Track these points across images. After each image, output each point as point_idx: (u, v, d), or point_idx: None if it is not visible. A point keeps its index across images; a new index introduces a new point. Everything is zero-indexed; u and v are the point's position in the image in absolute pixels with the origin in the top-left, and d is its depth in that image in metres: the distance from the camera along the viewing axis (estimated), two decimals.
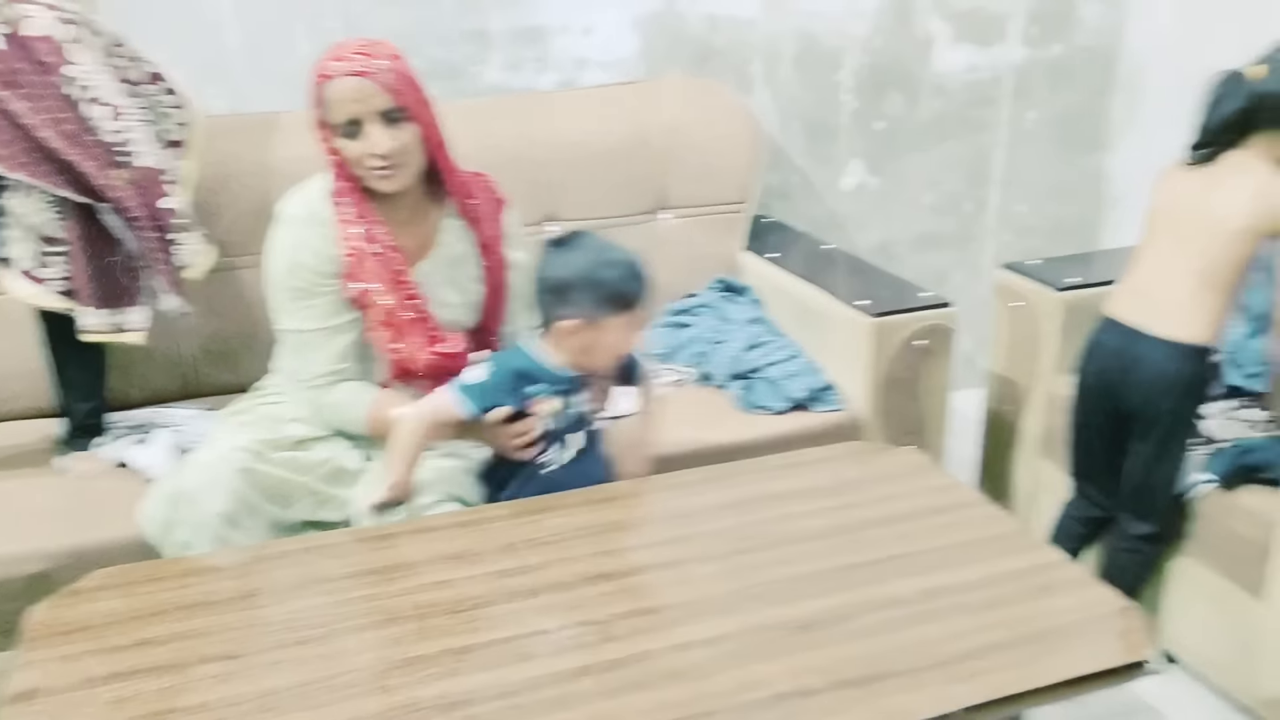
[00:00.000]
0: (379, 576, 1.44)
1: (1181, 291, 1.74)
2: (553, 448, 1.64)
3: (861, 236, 2.83)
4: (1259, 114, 1.69)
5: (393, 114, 1.61)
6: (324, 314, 1.67)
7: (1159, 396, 1.78)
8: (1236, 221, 1.70)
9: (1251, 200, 1.70)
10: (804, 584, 1.41)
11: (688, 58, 2.56)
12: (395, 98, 1.61)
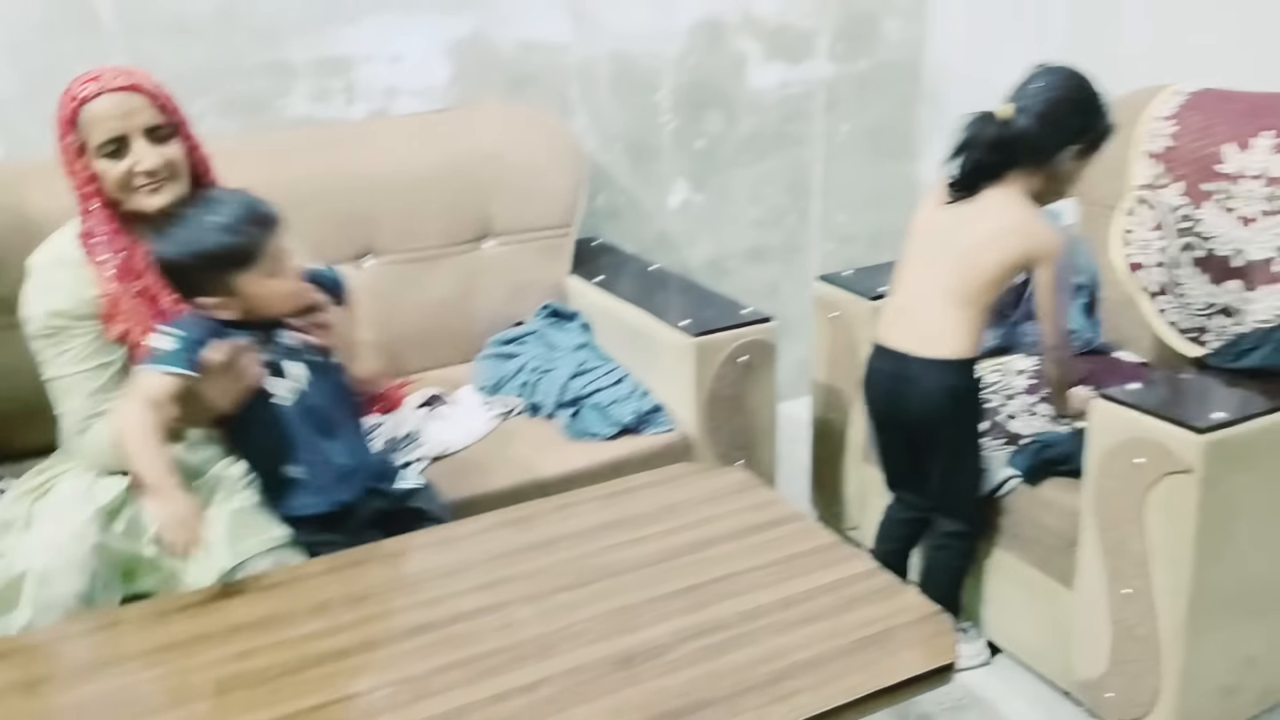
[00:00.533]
0: (179, 651, 1.36)
1: (938, 312, 1.83)
2: (276, 384, 1.58)
3: (692, 253, 2.86)
4: (1013, 152, 1.78)
5: (159, 130, 1.59)
6: (81, 356, 1.60)
7: (936, 413, 1.86)
8: (990, 255, 1.80)
9: (1006, 236, 1.79)
10: (624, 617, 1.40)
11: (503, 83, 2.53)
12: (163, 113, 1.60)
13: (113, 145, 1.55)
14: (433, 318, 2.34)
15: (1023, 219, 1.80)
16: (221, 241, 1.52)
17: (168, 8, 2.20)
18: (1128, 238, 2.21)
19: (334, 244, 2.23)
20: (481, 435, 2.04)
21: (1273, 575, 1.72)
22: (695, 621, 1.38)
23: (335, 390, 1.64)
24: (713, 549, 1.56)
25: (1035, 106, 1.78)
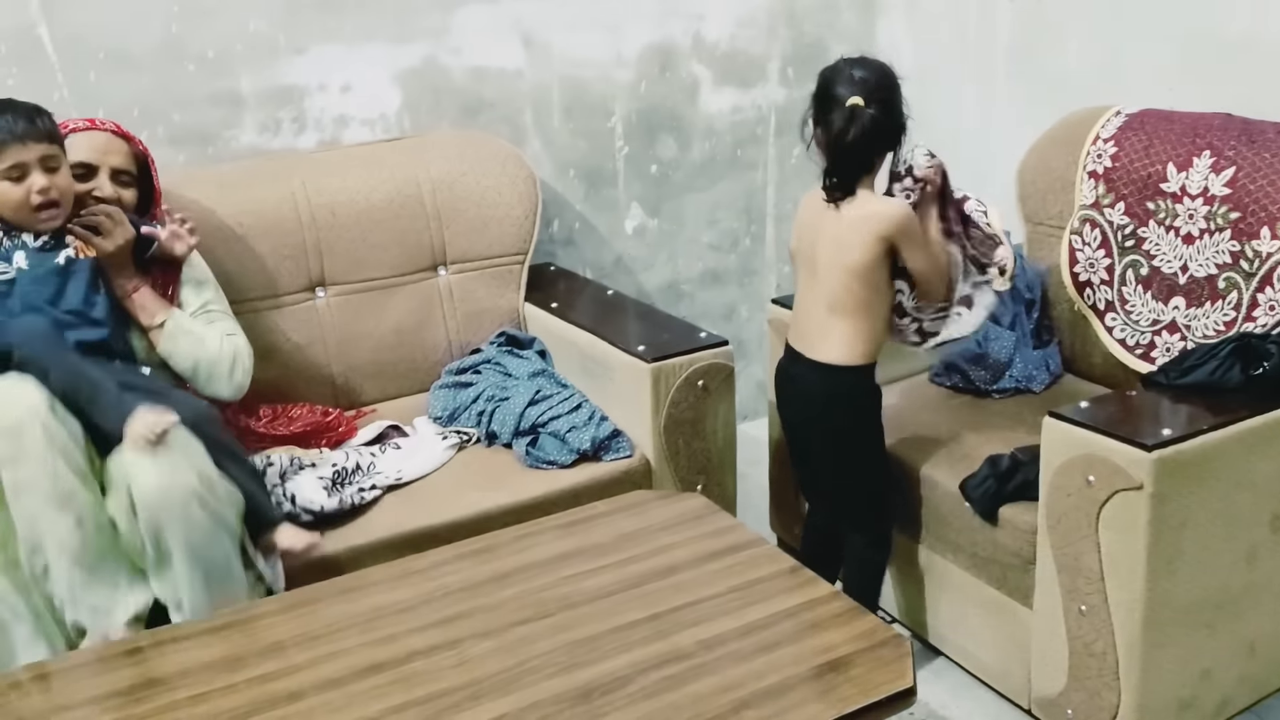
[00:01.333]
0: (125, 699, 1.33)
1: (817, 320, 1.89)
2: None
3: (649, 277, 2.86)
4: (874, 141, 1.80)
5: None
6: None
7: (816, 417, 1.95)
8: (853, 255, 1.83)
9: (862, 229, 1.82)
10: (583, 650, 1.39)
11: (456, 111, 2.53)
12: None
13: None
14: (387, 348, 2.31)
15: (874, 209, 1.83)
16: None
17: (112, 39, 2.17)
18: (1076, 256, 2.25)
19: (286, 275, 2.21)
20: (438, 465, 2.02)
21: (1223, 589, 1.75)
22: (655, 651, 1.37)
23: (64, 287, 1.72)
24: (673, 577, 1.55)
25: (876, 95, 1.79)
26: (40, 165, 1.69)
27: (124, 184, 1.87)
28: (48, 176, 1.69)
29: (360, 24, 2.38)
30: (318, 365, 2.24)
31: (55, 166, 1.71)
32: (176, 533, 1.55)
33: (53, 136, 1.72)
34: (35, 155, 1.68)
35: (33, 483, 1.50)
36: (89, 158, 1.83)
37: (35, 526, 1.51)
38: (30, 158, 1.67)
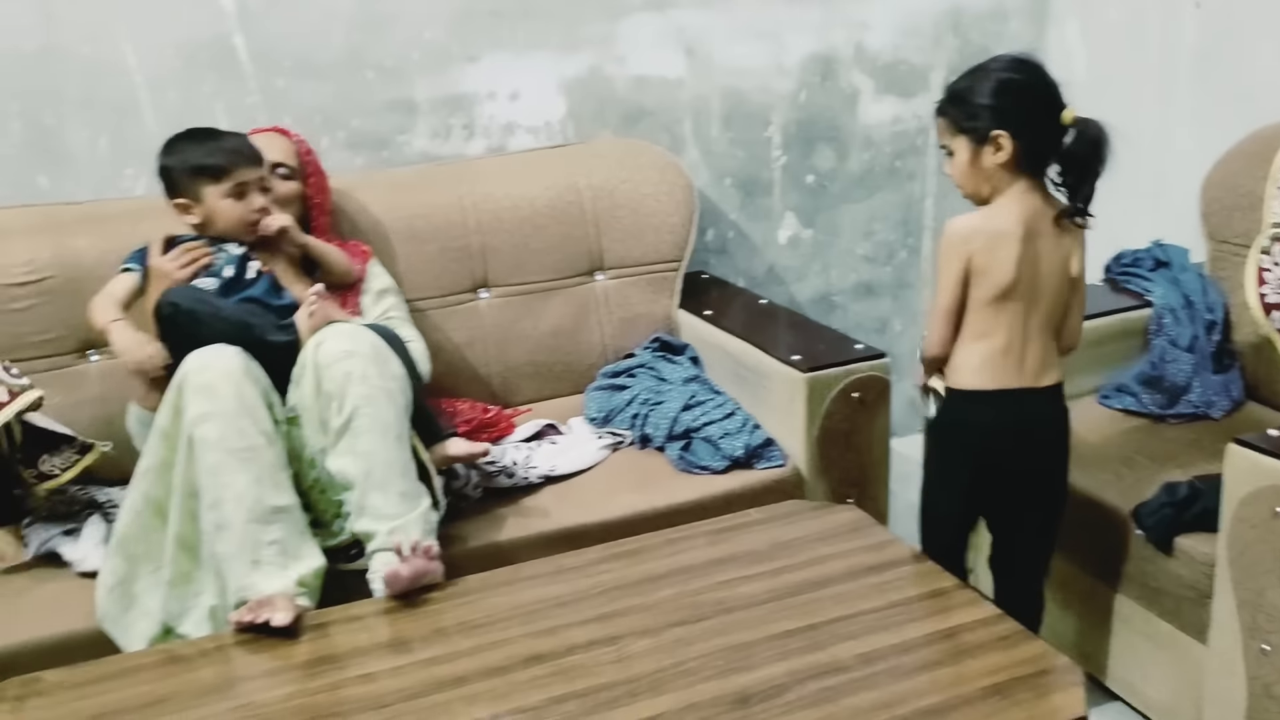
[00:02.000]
0: (301, 673, 1.40)
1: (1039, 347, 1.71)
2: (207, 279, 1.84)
3: (801, 288, 2.84)
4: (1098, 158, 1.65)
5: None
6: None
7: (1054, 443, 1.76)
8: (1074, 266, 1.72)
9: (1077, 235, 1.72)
10: (741, 655, 1.38)
11: (617, 119, 2.57)
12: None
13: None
14: (544, 350, 2.37)
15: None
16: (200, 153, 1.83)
17: (300, 49, 2.29)
18: (1264, 277, 2.12)
19: (452, 277, 2.29)
20: (591, 464, 2.05)
21: None
22: (812, 662, 1.36)
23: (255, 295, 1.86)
24: (827, 589, 1.54)
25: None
26: (258, 186, 1.85)
27: (284, 176, 2.00)
28: (263, 196, 1.86)
29: (530, 33, 2.44)
30: (478, 364, 2.31)
31: (268, 188, 1.89)
32: (357, 392, 1.65)
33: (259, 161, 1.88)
34: (255, 177, 1.85)
35: (220, 439, 1.60)
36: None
37: (217, 479, 1.60)
38: (252, 178, 1.84)
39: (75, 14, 2.12)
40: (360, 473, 1.66)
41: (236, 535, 1.58)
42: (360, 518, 1.66)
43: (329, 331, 1.73)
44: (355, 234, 2.18)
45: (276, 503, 1.62)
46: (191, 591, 1.64)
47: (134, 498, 1.69)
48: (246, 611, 1.48)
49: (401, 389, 1.75)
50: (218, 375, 1.64)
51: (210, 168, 1.82)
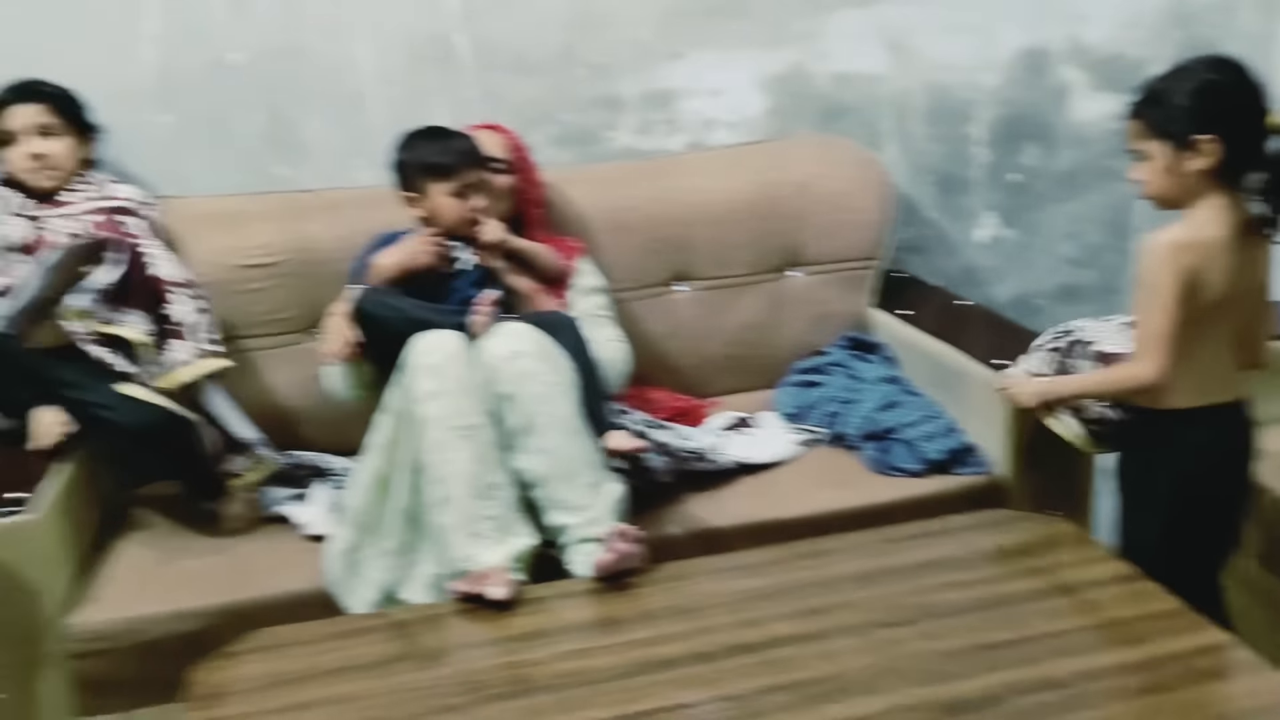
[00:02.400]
0: (520, 644, 1.46)
1: (1226, 360, 1.65)
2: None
3: (998, 290, 2.76)
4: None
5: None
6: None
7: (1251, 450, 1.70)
8: (1265, 277, 1.64)
9: (1267, 248, 1.63)
10: (951, 662, 1.37)
11: (816, 115, 2.56)
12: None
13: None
14: (737, 343, 2.39)
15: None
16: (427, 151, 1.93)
17: (516, 46, 2.38)
18: None
19: (651, 269, 2.34)
20: (784, 457, 2.06)
21: None
22: (1027, 676, 1.33)
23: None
24: (1039, 602, 1.50)
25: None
26: (479, 187, 1.94)
27: (498, 171, 2.07)
28: (483, 197, 1.95)
29: (736, 30, 2.46)
30: (673, 355, 2.35)
31: (488, 189, 1.98)
32: (532, 391, 1.71)
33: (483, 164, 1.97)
34: (478, 178, 1.94)
35: (445, 416, 1.68)
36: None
37: (441, 454, 1.68)
38: (475, 180, 1.93)
39: (318, 14, 2.27)
40: (546, 469, 1.71)
41: (458, 508, 1.66)
42: (551, 511, 1.72)
43: (496, 333, 1.78)
44: (563, 226, 2.25)
45: (494, 480, 1.70)
46: (412, 560, 1.73)
47: (363, 472, 1.80)
48: (466, 582, 1.56)
49: (572, 381, 1.79)
50: (443, 357, 1.73)
51: (439, 166, 1.91)
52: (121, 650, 1.71)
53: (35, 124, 1.97)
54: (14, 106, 1.97)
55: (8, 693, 1.69)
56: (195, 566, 1.81)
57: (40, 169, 1.97)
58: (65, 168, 1.99)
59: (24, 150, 1.96)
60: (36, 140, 1.96)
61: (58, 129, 1.99)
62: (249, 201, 2.21)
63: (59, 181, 1.99)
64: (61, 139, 1.99)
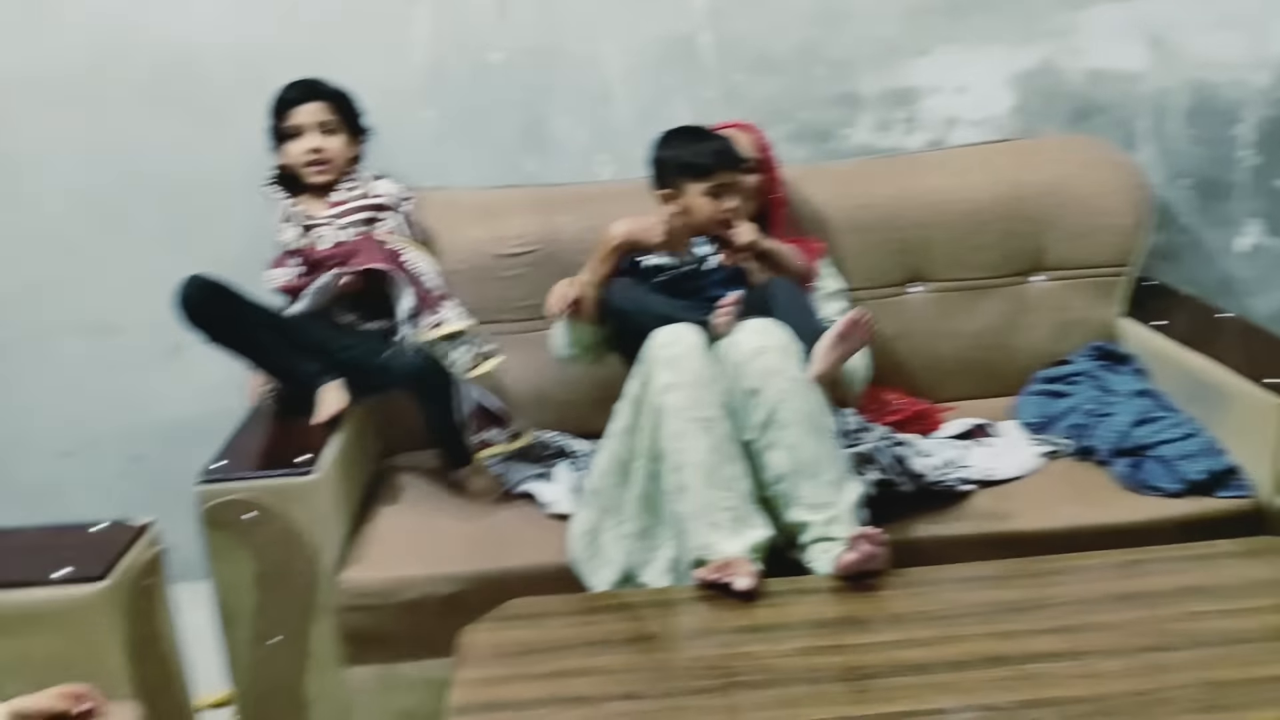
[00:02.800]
0: (766, 634, 1.49)
1: None
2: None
3: (1258, 302, 2.58)
4: None
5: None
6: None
7: None
8: None
9: None
10: (1223, 694, 1.30)
11: (1066, 114, 2.46)
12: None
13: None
14: (972, 348, 2.33)
15: None
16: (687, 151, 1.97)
17: (757, 44, 2.41)
18: None
19: (886, 269, 2.32)
20: (1028, 471, 2.00)
21: None
22: None
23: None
24: None
25: None
26: (732, 188, 1.97)
27: (745, 170, 2.09)
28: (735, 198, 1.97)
29: (984, 26, 2.40)
30: (905, 356, 2.32)
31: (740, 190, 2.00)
32: (776, 387, 1.72)
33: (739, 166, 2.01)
34: (733, 179, 1.97)
35: (683, 407, 1.73)
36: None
37: (679, 443, 1.72)
38: (729, 181, 1.97)
39: (573, 16, 2.37)
40: (788, 465, 1.73)
41: (696, 497, 1.71)
42: (792, 508, 1.73)
43: (740, 329, 1.80)
44: (799, 223, 2.26)
45: (731, 471, 1.73)
46: (651, 545, 1.79)
47: (604, 456, 1.88)
48: (711, 570, 1.60)
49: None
50: (684, 349, 1.78)
51: (697, 166, 1.95)
52: (385, 607, 1.84)
53: (317, 121, 2.13)
54: (301, 105, 2.14)
55: (284, 636, 1.86)
56: (451, 535, 1.93)
57: (316, 163, 2.13)
58: (338, 164, 2.15)
59: (305, 145, 2.13)
60: (317, 136, 2.13)
61: (335, 126, 2.15)
62: (503, 194, 2.34)
63: (331, 176, 2.15)
64: (338, 136, 2.15)
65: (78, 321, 2.52)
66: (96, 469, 2.60)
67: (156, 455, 2.59)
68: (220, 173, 2.39)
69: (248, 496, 1.77)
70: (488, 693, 1.40)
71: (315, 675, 1.88)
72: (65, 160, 2.41)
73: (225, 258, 2.11)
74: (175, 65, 2.36)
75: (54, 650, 1.49)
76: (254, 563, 1.80)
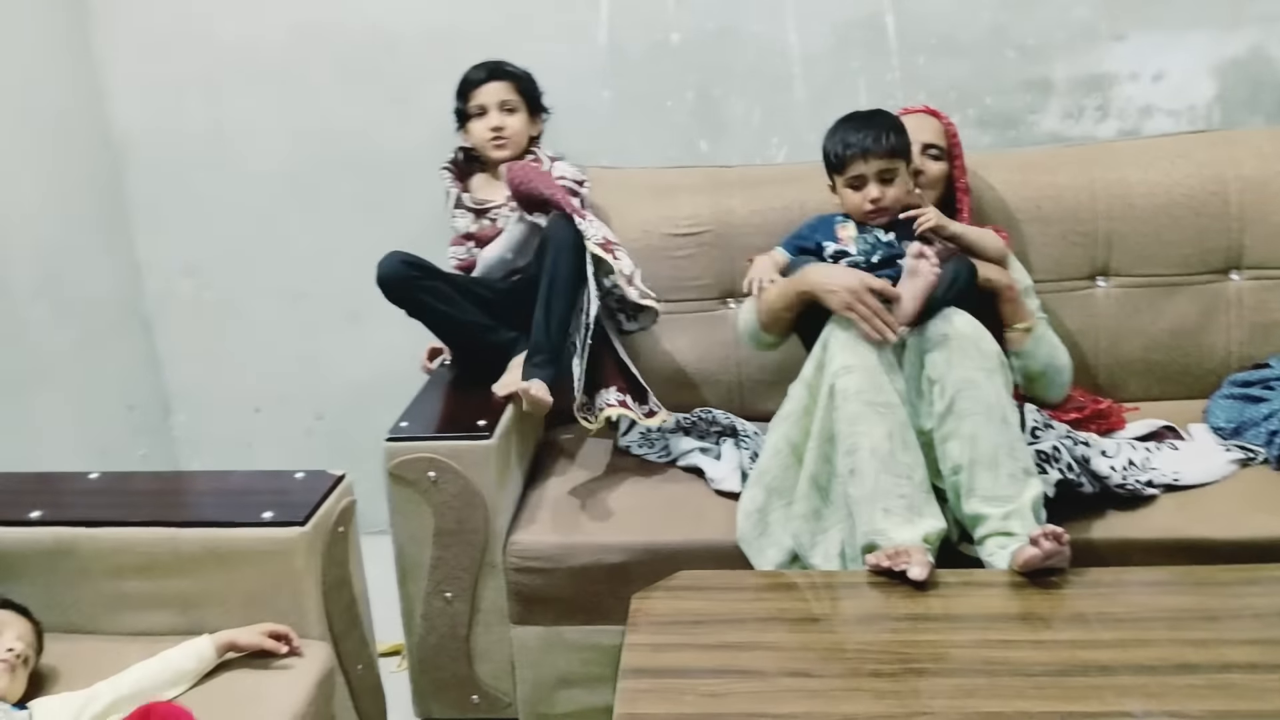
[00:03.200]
0: (940, 624, 1.47)
1: None
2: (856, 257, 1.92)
3: None
4: None
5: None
6: None
7: None
8: None
9: None
10: None
11: (1274, 105, 2.32)
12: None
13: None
14: (1160, 348, 2.23)
15: None
16: (836, 143, 1.92)
17: (944, 27, 2.35)
18: None
19: (1070, 261, 2.23)
20: (1217, 477, 1.90)
21: None
22: None
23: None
24: None
25: None
26: (877, 177, 1.89)
27: (933, 157, 2.06)
28: (880, 188, 1.89)
29: (1188, 9, 2.29)
30: (1087, 353, 2.23)
31: (889, 178, 1.90)
32: (957, 375, 1.69)
33: (895, 152, 1.89)
34: (874, 169, 1.89)
35: (860, 390, 1.72)
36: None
37: (854, 427, 1.71)
38: (869, 171, 1.89)
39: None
40: (966, 455, 1.69)
41: (869, 482, 1.69)
42: (969, 499, 1.70)
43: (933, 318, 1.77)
44: (980, 213, 2.20)
45: (906, 459, 1.71)
46: (820, 527, 1.78)
47: (775, 437, 1.88)
48: (885, 557, 1.59)
49: (1000, 366, 1.75)
50: (860, 334, 1.76)
51: (831, 159, 1.93)
52: (553, 571, 1.90)
53: (499, 100, 2.19)
54: (486, 84, 2.20)
55: (455, 592, 1.93)
56: (619, 505, 1.97)
57: (498, 140, 2.20)
58: (519, 142, 2.20)
59: (488, 124, 2.19)
60: (499, 115, 2.19)
61: (516, 105, 2.20)
62: (678, 175, 2.36)
63: (512, 153, 2.19)
64: (518, 115, 2.21)
65: (271, 286, 2.67)
66: (283, 425, 2.76)
67: (336, 415, 2.74)
68: (407, 150, 2.50)
69: (430, 456, 1.85)
70: (658, 658, 1.42)
71: (482, 632, 1.95)
72: (268, 134, 2.56)
73: (409, 232, 2.21)
74: (371, 46, 2.48)
75: (256, 585, 1.59)
76: (432, 519, 1.89)
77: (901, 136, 1.91)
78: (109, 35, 2.51)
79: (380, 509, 1.91)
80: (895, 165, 1.90)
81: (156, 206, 2.63)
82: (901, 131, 1.92)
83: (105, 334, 2.57)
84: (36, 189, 2.33)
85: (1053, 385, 1.95)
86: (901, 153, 1.91)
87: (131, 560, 1.61)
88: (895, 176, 1.91)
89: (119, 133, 2.58)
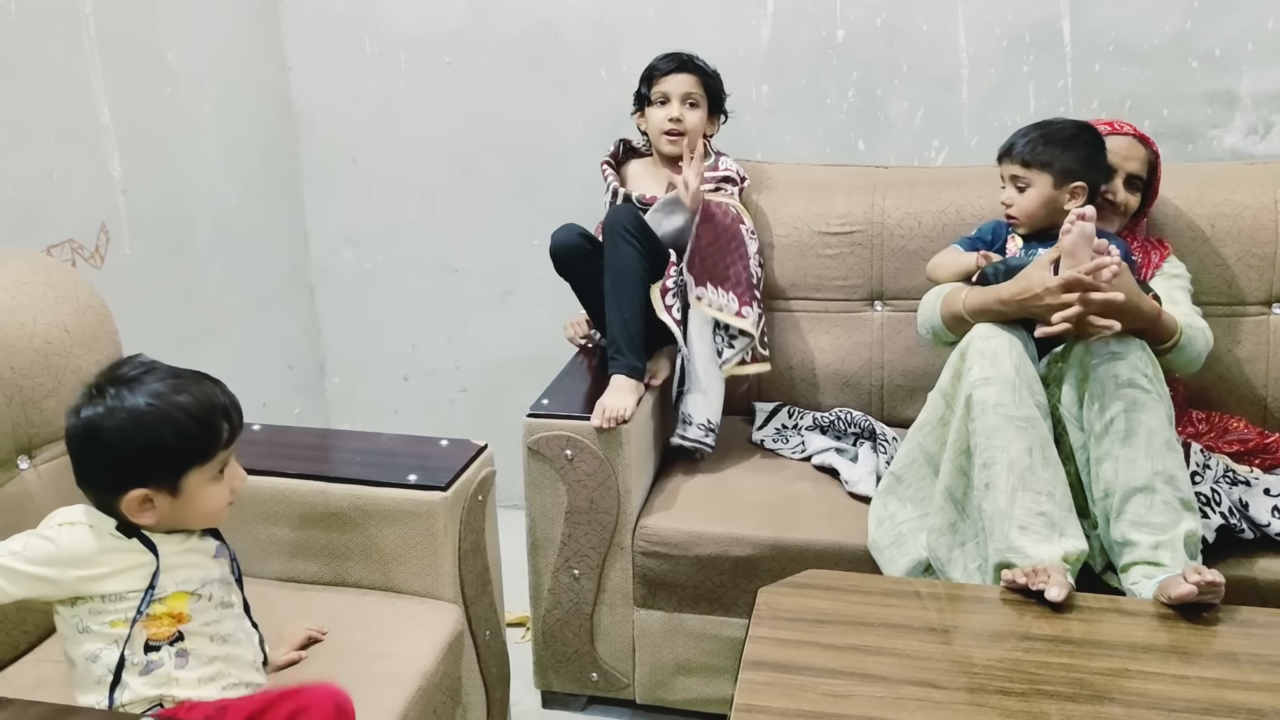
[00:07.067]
0: (1076, 648, 1.41)
1: None
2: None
3: None
4: None
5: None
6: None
7: None
8: None
9: None
10: None
11: None
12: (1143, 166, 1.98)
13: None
14: None
15: None
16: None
17: (1124, 33, 2.26)
18: None
19: (1244, 285, 2.12)
20: None
21: None
22: None
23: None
24: None
25: None
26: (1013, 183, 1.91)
27: (1134, 189, 1.98)
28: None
29: None
30: (1254, 381, 2.12)
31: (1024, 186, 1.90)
32: (1119, 397, 1.63)
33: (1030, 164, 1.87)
34: (1009, 173, 1.90)
35: (999, 403, 1.66)
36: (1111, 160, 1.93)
37: (991, 440, 1.66)
38: (1005, 174, 1.91)
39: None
40: (1120, 478, 1.62)
41: (1005, 497, 1.64)
42: (1118, 523, 1.63)
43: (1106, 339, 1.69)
44: (1150, 225, 2.11)
45: (1046, 475, 1.65)
46: (957, 541, 1.74)
47: (910, 447, 1.85)
48: (1022, 574, 1.54)
49: (1166, 395, 1.66)
50: (1001, 345, 1.71)
51: (1002, 154, 1.92)
52: (680, 558, 1.92)
53: (683, 92, 2.17)
54: (674, 75, 2.18)
55: (584, 570, 1.97)
56: (749, 500, 1.97)
57: (673, 133, 2.17)
58: (692, 140, 2.16)
59: (667, 113, 2.17)
60: (680, 107, 2.17)
61: (699, 101, 2.19)
62: (832, 172, 2.34)
63: (681, 150, 2.15)
64: (698, 111, 2.19)
65: (427, 261, 2.78)
66: (430, 395, 2.87)
67: (481, 389, 2.83)
68: (563, 136, 2.55)
69: (568, 434, 1.90)
70: (781, 653, 1.42)
71: (606, 611, 1.99)
72: (433, 114, 2.66)
73: (562, 215, 2.25)
74: (537, 31, 2.54)
75: (396, 544, 1.67)
76: (565, 497, 1.93)
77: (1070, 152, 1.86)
78: (295, 15, 2.65)
79: (516, 484, 1.96)
80: (1029, 175, 1.88)
81: (326, 179, 2.76)
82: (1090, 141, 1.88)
83: (272, 297, 2.72)
84: (220, 157, 2.48)
85: (1191, 362, 1.85)
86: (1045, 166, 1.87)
87: (285, 509, 1.70)
88: (1029, 186, 1.89)
89: (297, 108, 2.72)
